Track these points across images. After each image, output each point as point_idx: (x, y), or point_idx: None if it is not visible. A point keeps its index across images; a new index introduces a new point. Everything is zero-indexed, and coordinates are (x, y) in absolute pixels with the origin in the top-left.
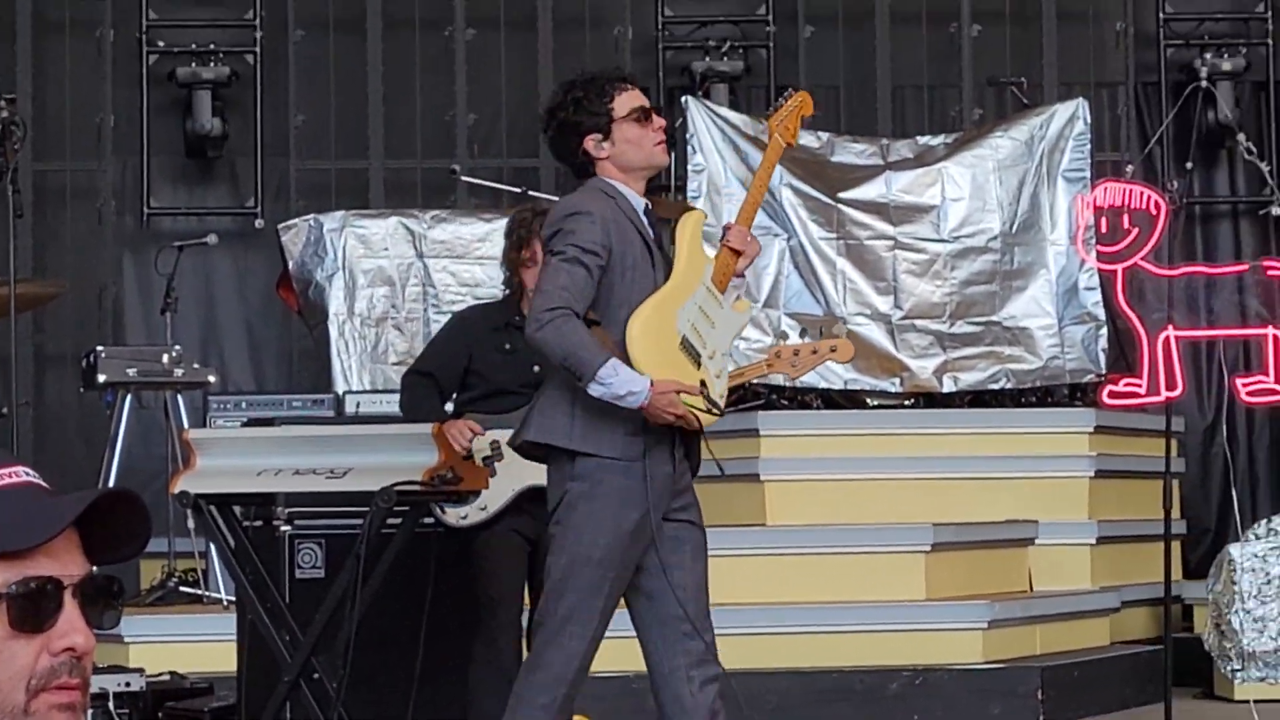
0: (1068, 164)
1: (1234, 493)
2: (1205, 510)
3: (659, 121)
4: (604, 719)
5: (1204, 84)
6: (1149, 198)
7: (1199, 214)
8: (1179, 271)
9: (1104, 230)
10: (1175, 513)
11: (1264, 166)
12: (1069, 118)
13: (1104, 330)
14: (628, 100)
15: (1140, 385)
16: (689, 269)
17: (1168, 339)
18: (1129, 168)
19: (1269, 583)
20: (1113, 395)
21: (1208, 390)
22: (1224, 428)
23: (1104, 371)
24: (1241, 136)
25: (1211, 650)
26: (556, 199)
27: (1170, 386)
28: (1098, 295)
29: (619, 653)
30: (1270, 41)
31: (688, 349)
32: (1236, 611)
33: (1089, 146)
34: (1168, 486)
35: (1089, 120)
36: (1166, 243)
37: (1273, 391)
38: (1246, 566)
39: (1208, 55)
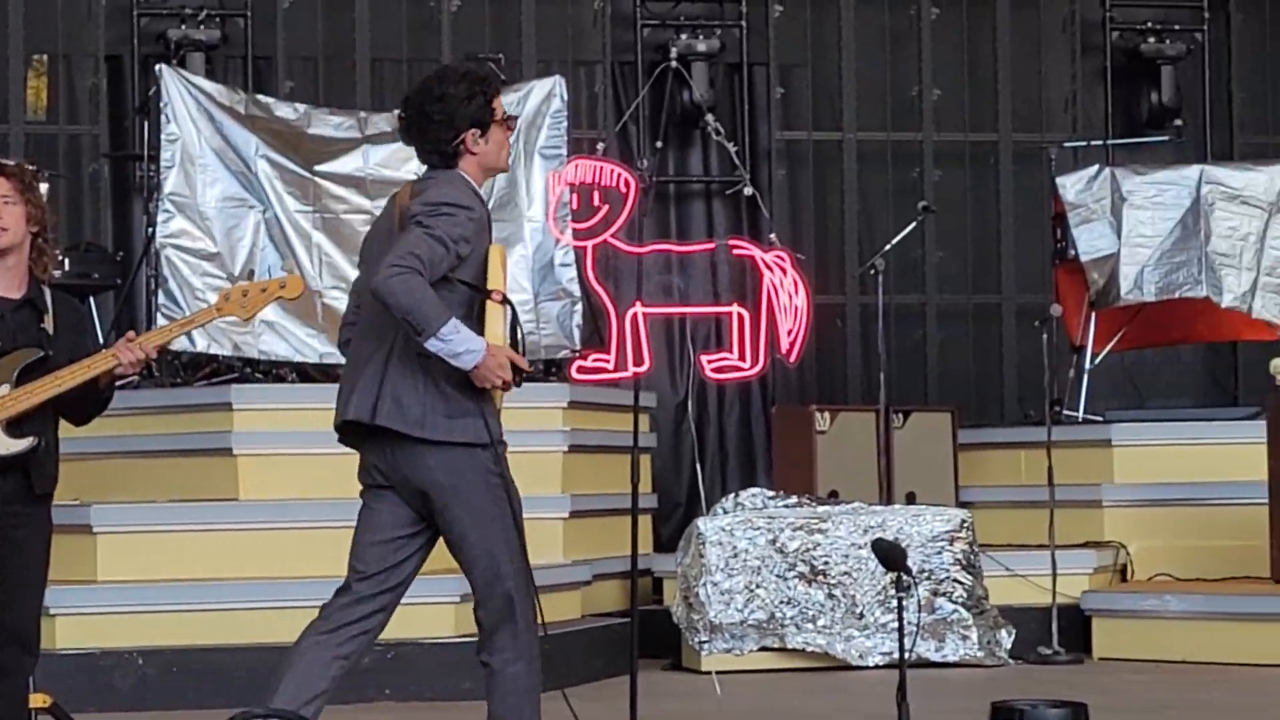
0: (544, 141)
1: (699, 467)
2: (677, 485)
3: (512, 126)
4: (67, 699)
5: (674, 64)
6: (620, 175)
7: (673, 193)
8: (648, 249)
9: (576, 207)
10: (646, 487)
11: (731, 147)
12: (546, 95)
13: (579, 306)
14: (500, 104)
15: (609, 361)
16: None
17: (635, 315)
18: (600, 145)
19: (735, 556)
20: (581, 370)
21: (681, 367)
22: (694, 404)
23: (579, 347)
24: (710, 117)
25: (680, 622)
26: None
27: (638, 362)
28: (573, 272)
29: (82, 630)
30: (744, 24)
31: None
32: (704, 584)
33: (565, 124)
34: (635, 461)
35: (566, 98)
36: (637, 220)
37: (736, 368)
38: (714, 540)
39: (683, 36)
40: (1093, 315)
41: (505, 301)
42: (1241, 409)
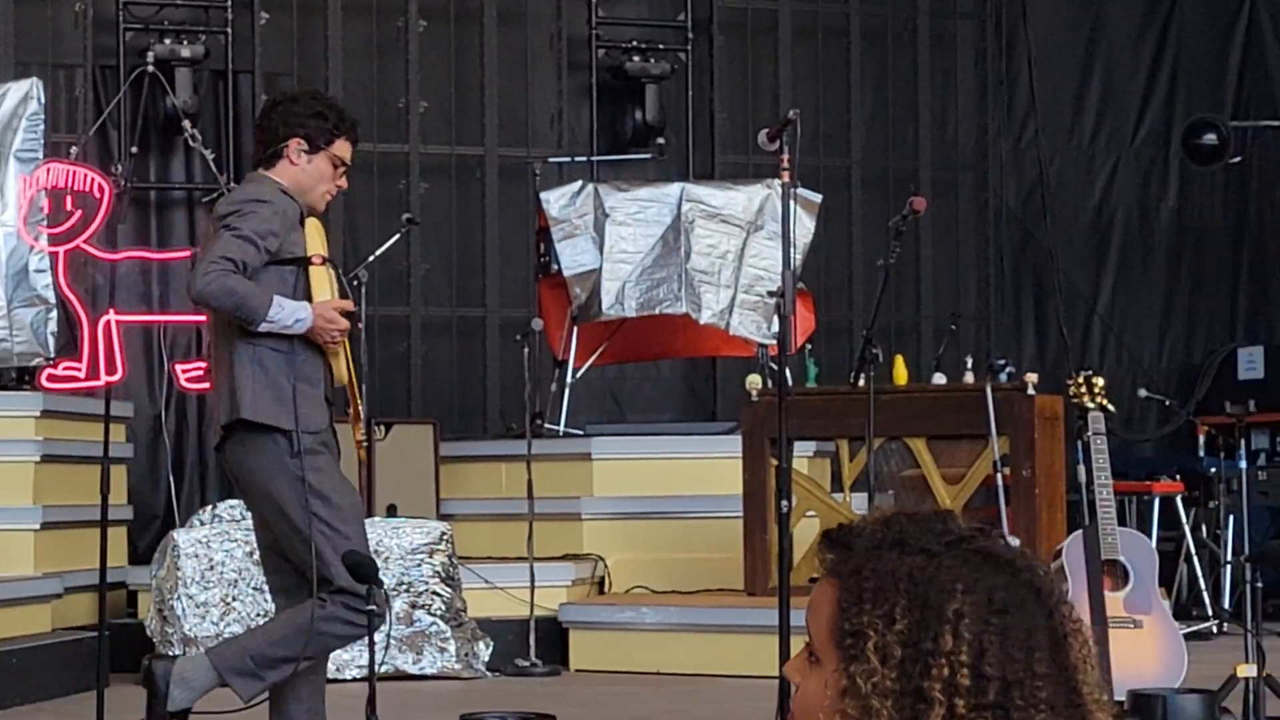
0: (20, 144)
1: (174, 478)
2: (155, 496)
3: (343, 182)
4: None
5: (152, 69)
6: (93, 180)
7: (154, 200)
8: (122, 255)
9: (49, 211)
10: (121, 498)
11: (210, 155)
12: (23, 97)
13: (54, 313)
14: (343, 147)
15: (80, 369)
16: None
17: (109, 323)
18: (73, 149)
19: (212, 569)
20: (52, 379)
21: (159, 377)
22: (173, 414)
23: (53, 355)
24: (187, 124)
25: (154, 635)
26: None
27: (110, 371)
28: (48, 278)
29: None
30: (229, 31)
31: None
32: (180, 597)
33: (43, 127)
34: (106, 471)
35: (44, 100)
36: (112, 226)
37: None
38: (189, 552)
39: (167, 41)
40: (575, 330)
41: (325, 262)
42: (719, 424)
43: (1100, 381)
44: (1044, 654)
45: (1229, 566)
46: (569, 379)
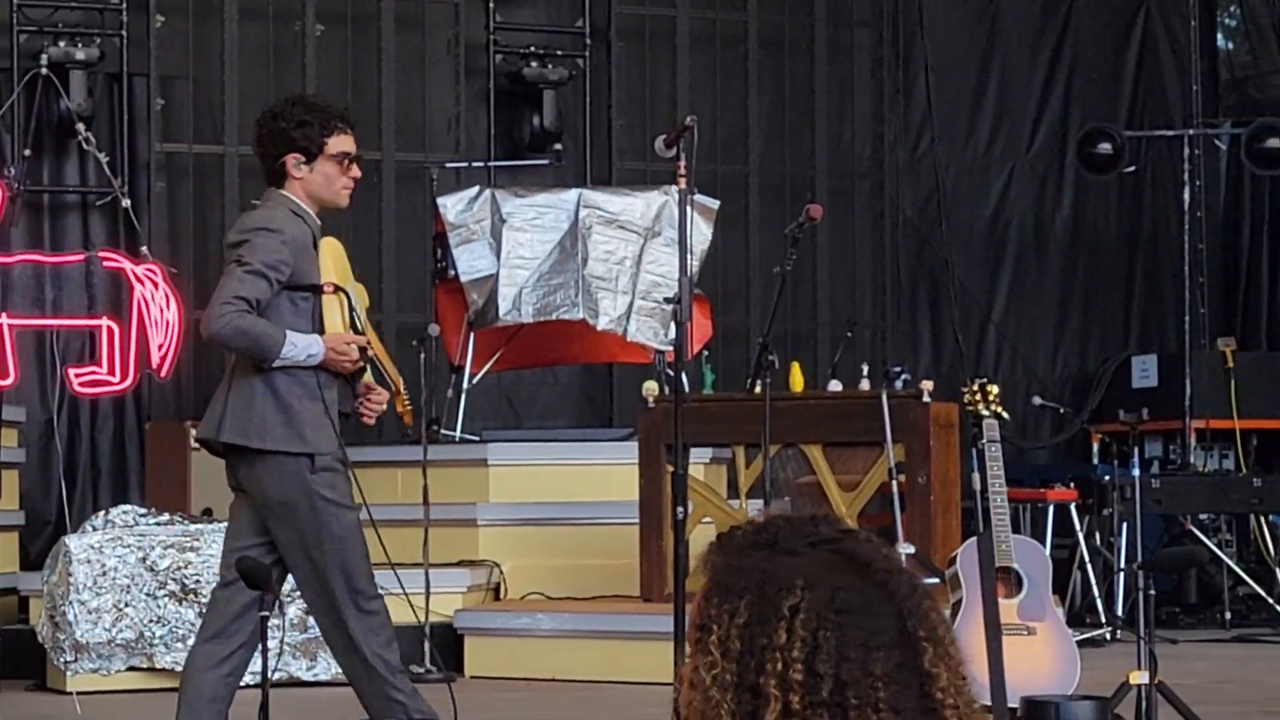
0: None
1: (67, 483)
2: (46, 501)
3: (355, 171)
4: None
5: (45, 72)
6: None
7: (49, 203)
8: (15, 259)
9: None
10: (13, 504)
11: (103, 158)
12: None
13: None
14: (339, 142)
15: None
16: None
17: (1, 327)
18: None
19: (105, 574)
20: None
21: (52, 381)
22: (65, 419)
23: None
24: (81, 127)
25: (45, 642)
26: None
27: (2, 375)
28: None
29: None
30: (125, 34)
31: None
32: (72, 603)
33: None
34: None
35: None
36: (4, 229)
37: (105, 383)
38: (82, 558)
39: (61, 43)
40: (471, 335)
41: (337, 290)
42: (616, 430)
43: (995, 389)
44: (887, 655)
45: (1122, 574)
46: (465, 384)
